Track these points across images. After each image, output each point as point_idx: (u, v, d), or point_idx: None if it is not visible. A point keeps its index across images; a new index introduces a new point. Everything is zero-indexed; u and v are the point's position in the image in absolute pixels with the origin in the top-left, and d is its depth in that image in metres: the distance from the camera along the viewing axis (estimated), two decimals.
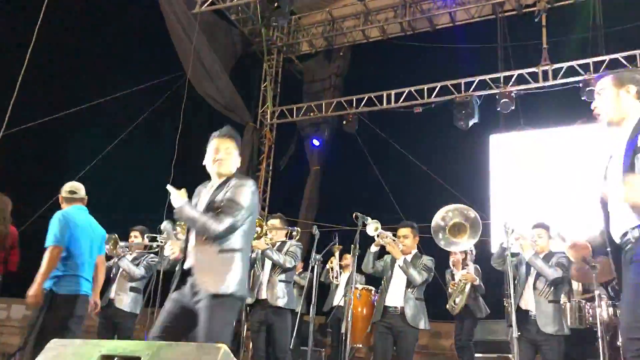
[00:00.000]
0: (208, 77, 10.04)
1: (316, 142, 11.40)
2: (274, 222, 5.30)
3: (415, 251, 4.96)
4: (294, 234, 5.34)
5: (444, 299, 6.63)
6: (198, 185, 3.34)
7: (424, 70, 10.35)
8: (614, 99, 2.58)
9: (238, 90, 10.64)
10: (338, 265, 7.41)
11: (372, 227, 4.82)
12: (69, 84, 10.24)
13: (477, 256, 6.57)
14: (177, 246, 3.19)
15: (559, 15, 9.29)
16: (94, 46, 10.29)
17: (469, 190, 9.38)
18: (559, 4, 9.22)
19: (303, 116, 10.96)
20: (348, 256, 6.96)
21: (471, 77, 9.50)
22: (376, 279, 5.34)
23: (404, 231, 4.97)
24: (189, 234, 3.11)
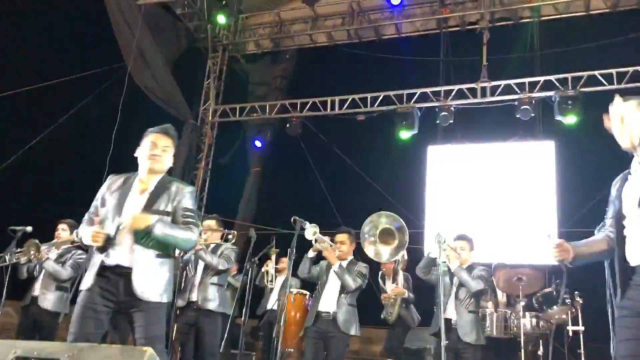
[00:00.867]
0: (149, 70, 9.77)
1: (258, 144, 11.33)
2: (210, 223, 5.20)
3: (351, 257, 5.00)
4: (229, 237, 5.27)
5: (376, 305, 6.69)
6: None
7: (368, 78, 10.50)
8: None
9: (181, 86, 10.41)
10: (274, 269, 7.36)
11: (310, 231, 4.82)
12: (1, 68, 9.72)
13: (409, 264, 6.66)
14: (102, 236, 2.98)
15: (499, 35, 9.64)
16: (30, 32, 9.80)
17: (406, 199, 9.58)
18: (500, 24, 9.56)
19: (246, 116, 10.85)
20: (284, 260, 6.92)
21: (413, 88, 9.68)
22: (312, 283, 5.34)
23: (342, 237, 5.00)
24: (116, 234, 2.99)
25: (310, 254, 4.96)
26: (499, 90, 9.21)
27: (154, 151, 3.10)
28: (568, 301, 5.70)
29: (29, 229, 4.94)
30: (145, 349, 1.88)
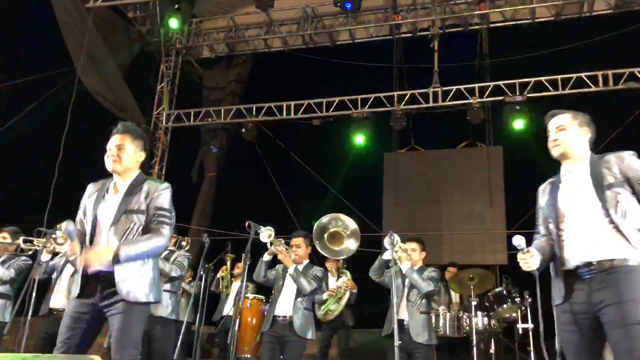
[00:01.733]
0: (100, 75, 9.56)
1: (214, 149, 11.23)
2: None
3: (307, 261, 5.00)
4: (183, 243, 5.21)
5: None
6: (84, 184, 3.23)
7: (323, 83, 10.59)
8: (578, 137, 2.80)
9: (133, 91, 10.22)
10: (230, 275, 7.31)
11: (266, 234, 4.80)
12: None
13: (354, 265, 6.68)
14: (76, 248, 2.98)
15: (450, 41, 9.89)
16: None
17: (363, 203, 9.69)
18: (450, 31, 9.80)
19: (201, 121, 10.75)
20: (240, 265, 6.88)
21: (367, 94, 9.81)
22: (268, 288, 5.32)
23: (297, 240, 5.00)
24: (94, 237, 3.00)
25: (266, 257, 4.95)
26: (450, 96, 9.42)
27: (108, 153, 3.11)
28: (517, 300, 5.88)
29: None
30: (92, 357, 1.85)
